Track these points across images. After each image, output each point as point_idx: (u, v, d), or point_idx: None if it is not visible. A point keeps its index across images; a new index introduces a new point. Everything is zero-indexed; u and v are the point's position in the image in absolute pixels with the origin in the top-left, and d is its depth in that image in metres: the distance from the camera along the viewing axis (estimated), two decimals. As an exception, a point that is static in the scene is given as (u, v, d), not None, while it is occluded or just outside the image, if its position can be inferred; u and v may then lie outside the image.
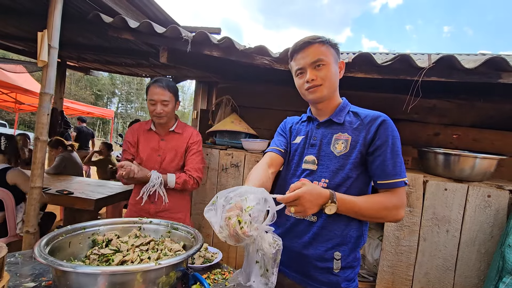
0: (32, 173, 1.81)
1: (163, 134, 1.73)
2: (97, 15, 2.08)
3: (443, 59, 1.67)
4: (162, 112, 1.61)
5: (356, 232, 1.00)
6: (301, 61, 0.98)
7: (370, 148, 0.95)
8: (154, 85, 1.62)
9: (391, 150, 0.93)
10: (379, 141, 0.94)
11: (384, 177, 0.94)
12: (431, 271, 1.84)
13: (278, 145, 1.14)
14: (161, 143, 1.71)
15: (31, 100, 6.90)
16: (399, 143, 0.96)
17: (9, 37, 3.45)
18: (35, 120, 1.82)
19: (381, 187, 0.95)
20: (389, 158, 0.93)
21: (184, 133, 1.77)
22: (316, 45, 0.96)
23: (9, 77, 5.22)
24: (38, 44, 1.73)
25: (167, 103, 1.63)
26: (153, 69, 4.12)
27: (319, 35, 0.98)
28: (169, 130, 1.73)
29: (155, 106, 1.61)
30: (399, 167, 0.93)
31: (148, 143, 1.71)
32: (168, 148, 1.71)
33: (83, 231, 1.02)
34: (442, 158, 1.86)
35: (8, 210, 2.22)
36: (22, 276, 0.91)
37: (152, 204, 1.67)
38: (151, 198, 1.66)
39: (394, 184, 0.93)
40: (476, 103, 2.56)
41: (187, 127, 1.81)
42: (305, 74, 0.99)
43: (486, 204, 1.75)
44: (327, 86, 0.98)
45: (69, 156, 3.62)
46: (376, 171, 0.95)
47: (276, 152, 1.11)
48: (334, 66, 0.99)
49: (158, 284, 0.80)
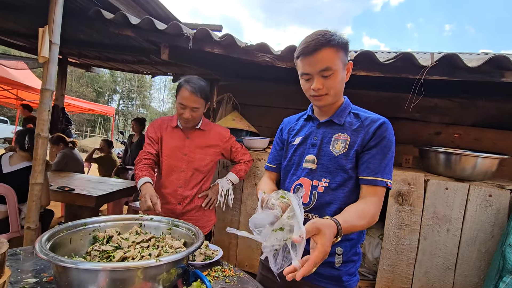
0: (33, 169, 1.81)
1: (189, 132, 1.65)
2: (98, 11, 2.07)
3: (446, 57, 1.66)
4: (190, 118, 1.53)
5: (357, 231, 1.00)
6: (308, 68, 0.94)
7: (365, 148, 0.96)
8: (185, 88, 1.49)
9: (381, 150, 0.94)
10: (373, 142, 0.95)
11: (366, 172, 0.94)
12: (431, 270, 1.84)
13: (271, 161, 1.21)
14: (187, 141, 1.63)
15: (32, 97, 6.91)
16: (392, 147, 0.95)
17: (9, 33, 3.45)
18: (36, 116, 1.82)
19: (362, 182, 0.95)
20: (377, 157, 0.93)
21: (211, 131, 1.69)
22: (326, 51, 0.90)
23: (10, 74, 5.23)
24: (39, 40, 1.72)
25: (197, 110, 1.53)
26: (154, 66, 4.11)
27: (330, 33, 0.91)
28: (195, 128, 1.65)
29: (184, 110, 1.51)
30: (383, 167, 0.93)
31: (173, 141, 1.63)
32: (194, 146, 1.63)
33: (84, 228, 1.02)
34: (444, 157, 1.86)
35: (10, 206, 2.23)
36: (24, 271, 0.91)
37: (179, 205, 1.64)
38: (178, 199, 1.63)
39: (374, 181, 0.92)
40: (477, 102, 2.55)
41: (211, 124, 1.74)
42: (311, 80, 0.95)
43: (487, 204, 1.75)
44: (332, 95, 0.97)
45: (70, 153, 3.63)
46: (361, 166, 0.95)
47: (270, 170, 1.21)
48: (342, 72, 0.95)
49: (159, 280, 0.80)
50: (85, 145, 12.46)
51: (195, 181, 1.65)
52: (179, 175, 1.62)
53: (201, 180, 1.68)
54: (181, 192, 1.63)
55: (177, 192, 1.62)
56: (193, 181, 1.65)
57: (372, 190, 0.94)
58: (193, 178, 1.64)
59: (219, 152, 1.73)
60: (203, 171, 1.67)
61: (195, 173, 1.64)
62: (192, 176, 1.64)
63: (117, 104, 29.52)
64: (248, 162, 1.84)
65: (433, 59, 1.73)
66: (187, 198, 1.64)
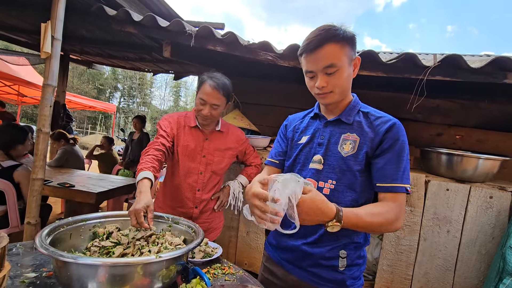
0: (34, 165, 1.82)
1: (208, 133, 1.58)
2: (101, 7, 2.07)
3: (449, 58, 1.66)
4: (209, 115, 1.46)
5: (362, 234, 0.99)
6: (312, 65, 0.90)
7: (377, 151, 0.91)
8: (208, 83, 1.43)
9: (396, 154, 0.89)
10: (386, 145, 0.90)
11: (383, 179, 0.89)
12: (431, 271, 1.84)
13: (273, 155, 1.16)
14: (205, 143, 1.56)
15: (34, 93, 6.91)
16: (407, 149, 0.90)
17: (12, 29, 3.45)
18: (38, 112, 1.82)
19: (380, 190, 0.91)
20: (392, 161, 0.89)
21: (229, 132, 1.64)
22: (330, 46, 0.86)
23: (12, 69, 5.22)
24: (42, 35, 1.72)
25: (217, 107, 1.46)
26: (156, 63, 4.12)
27: (334, 28, 0.87)
28: (215, 130, 1.59)
29: (203, 107, 1.45)
30: (401, 172, 0.88)
31: (191, 141, 1.54)
32: (212, 148, 1.57)
33: (84, 223, 1.02)
34: (445, 158, 1.85)
35: (10, 201, 2.24)
36: (23, 266, 0.91)
37: (196, 209, 1.58)
38: (195, 203, 1.57)
39: (393, 188, 0.88)
40: (480, 104, 2.54)
41: (230, 126, 1.70)
42: (315, 78, 0.92)
43: (488, 205, 1.74)
44: (338, 93, 0.93)
45: (71, 149, 3.63)
46: (377, 173, 0.90)
47: (271, 165, 1.15)
48: (348, 69, 0.91)
49: (158, 277, 0.80)
50: (85, 142, 12.49)
51: (212, 184, 1.61)
52: (197, 177, 1.55)
53: (217, 183, 1.66)
54: (199, 196, 1.57)
55: (195, 195, 1.56)
56: (210, 184, 1.60)
57: (391, 196, 0.89)
58: (211, 181, 1.60)
59: (235, 155, 1.70)
60: (219, 174, 1.63)
61: (212, 175, 1.59)
62: (209, 179, 1.59)
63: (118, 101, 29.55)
64: (258, 165, 1.83)
65: (436, 59, 1.72)
66: (204, 201, 1.59)
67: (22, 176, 2.28)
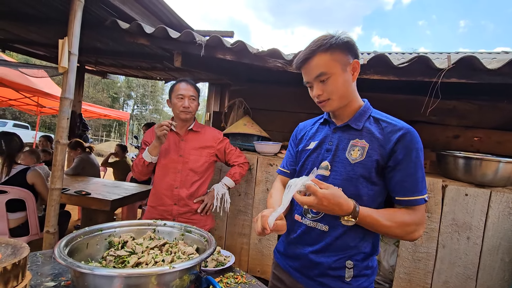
0: (52, 175, 1.88)
1: (183, 134, 1.75)
2: (115, 21, 2.14)
3: (464, 59, 1.61)
4: (190, 107, 1.66)
5: (370, 244, 0.97)
6: (306, 76, 0.96)
7: (390, 162, 0.89)
8: (181, 82, 1.68)
9: (413, 165, 0.88)
10: (401, 155, 0.88)
11: (403, 193, 0.89)
12: (451, 279, 1.77)
13: (284, 165, 1.19)
14: (181, 143, 1.73)
15: (52, 104, 7.17)
16: (422, 156, 0.90)
17: (31, 43, 3.61)
18: (56, 122, 1.89)
19: (399, 203, 0.90)
20: (410, 173, 0.88)
21: (205, 132, 1.79)
22: (318, 57, 0.90)
23: (31, 81, 5.44)
24: (59, 51, 1.80)
25: (194, 99, 1.68)
26: (168, 72, 4.21)
27: (323, 38, 0.90)
28: (188, 129, 1.75)
29: (183, 101, 1.65)
30: (420, 182, 0.88)
31: (168, 143, 1.73)
32: (188, 148, 1.73)
33: (100, 233, 1.04)
34: (463, 162, 1.79)
35: (30, 209, 2.32)
36: (43, 275, 0.94)
37: (175, 206, 1.70)
38: (174, 200, 1.69)
39: (414, 201, 0.88)
40: (499, 105, 2.45)
41: (205, 127, 1.83)
42: (313, 88, 0.96)
43: (511, 211, 1.67)
44: (336, 99, 0.94)
45: (87, 157, 3.73)
46: (396, 187, 0.90)
47: (283, 175, 1.18)
48: (343, 75, 0.91)
49: (172, 286, 0.81)
50: (100, 149, 12.81)
51: (190, 181, 1.71)
52: (175, 175, 1.69)
53: (197, 181, 1.73)
54: (177, 193, 1.69)
55: (173, 192, 1.68)
56: (189, 181, 1.71)
57: (411, 208, 0.90)
58: (189, 178, 1.71)
59: (213, 153, 1.79)
60: (198, 172, 1.73)
61: (190, 173, 1.71)
62: (187, 176, 1.70)
63: (131, 109, 30.27)
64: (242, 165, 1.87)
65: (450, 61, 1.68)
66: (183, 199, 1.69)
67: (35, 176, 2.36)
